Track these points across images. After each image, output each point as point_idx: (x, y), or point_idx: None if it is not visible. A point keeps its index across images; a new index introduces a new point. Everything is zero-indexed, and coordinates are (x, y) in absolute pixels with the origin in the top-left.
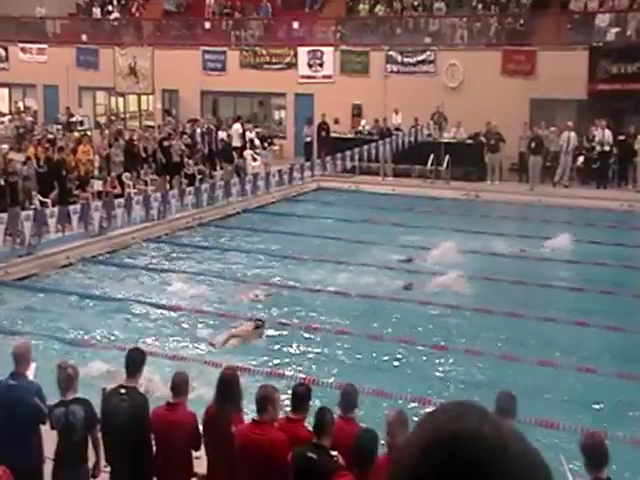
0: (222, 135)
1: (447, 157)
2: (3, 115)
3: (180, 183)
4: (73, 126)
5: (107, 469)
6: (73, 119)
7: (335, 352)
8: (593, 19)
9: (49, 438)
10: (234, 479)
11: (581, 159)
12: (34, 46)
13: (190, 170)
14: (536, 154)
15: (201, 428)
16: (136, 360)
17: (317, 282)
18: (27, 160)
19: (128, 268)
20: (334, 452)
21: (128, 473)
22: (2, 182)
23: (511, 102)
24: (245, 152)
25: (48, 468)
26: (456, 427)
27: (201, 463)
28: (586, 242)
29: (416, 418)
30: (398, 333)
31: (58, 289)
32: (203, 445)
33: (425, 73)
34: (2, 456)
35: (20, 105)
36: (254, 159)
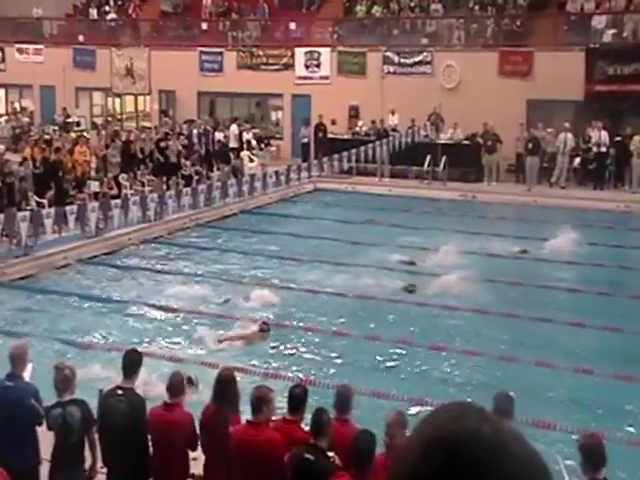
0: (219, 136)
1: (444, 158)
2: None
3: (177, 184)
4: (70, 127)
5: (103, 470)
6: (70, 120)
7: (333, 353)
8: (590, 20)
9: (46, 439)
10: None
11: (578, 160)
12: (31, 46)
13: (187, 171)
14: (533, 155)
15: (198, 429)
16: (133, 361)
17: (314, 283)
18: (23, 161)
19: (125, 269)
20: (331, 453)
21: (125, 474)
22: None
23: (508, 103)
24: (242, 153)
25: (45, 469)
26: (456, 428)
27: (197, 464)
28: (583, 243)
29: (414, 419)
30: (396, 334)
31: (54, 290)
32: (200, 446)
33: (422, 74)
34: None
35: (17, 106)
36: (251, 160)
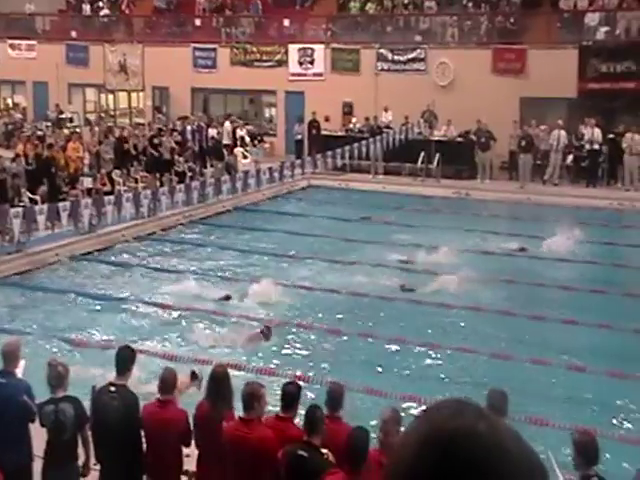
0: (212, 132)
1: (437, 155)
2: None
3: (170, 180)
4: (63, 123)
5: (97, 467)
6: (63, 116)
7: (327, 351)
8: (583, 18)
9: (38, 436)
10: (224, 476)
11: (571, 157)
12: (23, 42)
13: (180, 167)
14: (526, 152)
15: (192, 425)
16: (126, 358)
17: (308, 280)
18: (16, 157)
19: (118, 265)
20: (325, 450)
21: (118, 471)
22: None
23: (501, 100)
24: (236, 150)
25: (37, 466)
26: (452, 425)
27: (191, 461)
28: (576, 241)
29: (408, 416)
30: (391, 332)
31: (47, 286)
32: (194, 442)
33: (416, 71)
34: None
35: (9, 102)
36: (245, 157)
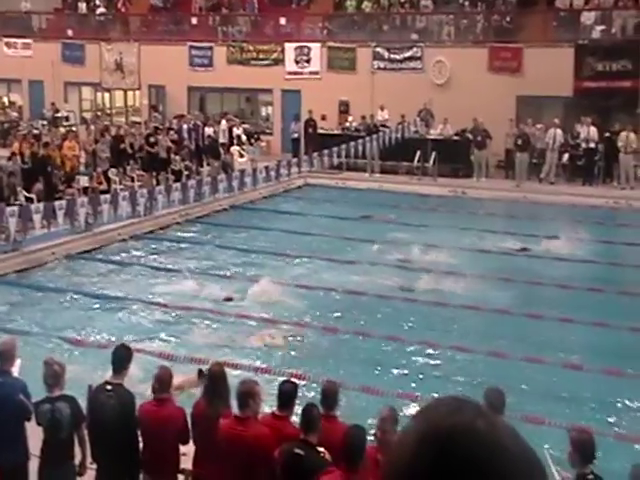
0: (209, 131)
1: (434, 154)
2: None
3: (167, 179)
4: (59, 122)
5: (93, 466)
6: (59, 114)
7: (324, 349)
8: (579, 16)
9: (35, 435)
10: (221, 474)
11: (567, 156)
12: (19, 41)
13: (177, 166)
14: (523, 151)
15: (189, 423)
16: (122, 357)
17: (305, 278)
18: (12, 156)
19: (114, 264)
20: (321, 448)
21: (114, 470)
22: None
23: (498, 99)
24: (232, 148)
25: (34, 465)
26: (450, 422)
27: (187, 459)
28: (572, 239)
29: (404, 415)
30: (388, 330)
31: (43, 285)
32: (192, 440)
33: (412, 70)
34: None
35: (5, 100)
36: (241, 155)
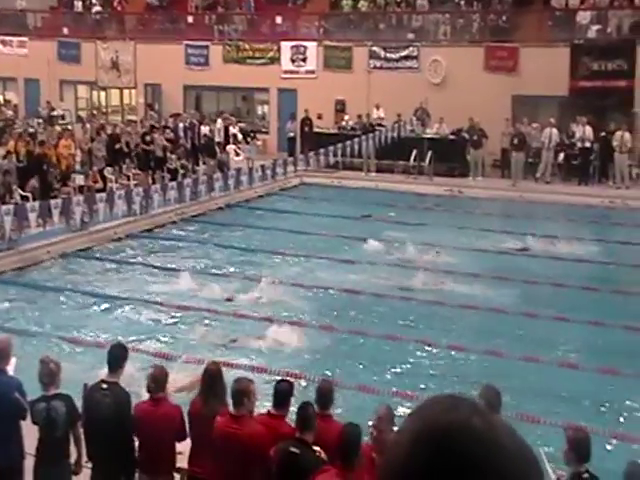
0: (205, 130)
1: (430, 153)
2: None
3: (162, 178)
4: (54, 120)
5: (89, 465)
6: (54, 113)
7: (319, 348)
8: (574, 16)
9: (30, 434)
10: (217, 472)
11: (562, 155)
12: (15, 39)
13: (173, 165)
14: (518, 150)
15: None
16: (118, 355)
17: (301, 277)
18: (7, 154)
19: (110, 263)
20: (317, 447)
21: (110, 469)
22: None
23: (494, 98)
24: (228, 147)
25: (29, 464)
26: (446, 420)
27: (183, 458)
28: (568, 238)
29: (400, 414)
30: (384, 329)
31: (39, 284)
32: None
33: (408, 69)
34: None
35: (0, 99)
36: (237, 154)
